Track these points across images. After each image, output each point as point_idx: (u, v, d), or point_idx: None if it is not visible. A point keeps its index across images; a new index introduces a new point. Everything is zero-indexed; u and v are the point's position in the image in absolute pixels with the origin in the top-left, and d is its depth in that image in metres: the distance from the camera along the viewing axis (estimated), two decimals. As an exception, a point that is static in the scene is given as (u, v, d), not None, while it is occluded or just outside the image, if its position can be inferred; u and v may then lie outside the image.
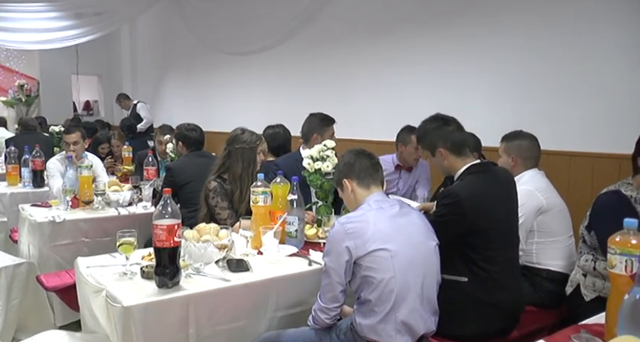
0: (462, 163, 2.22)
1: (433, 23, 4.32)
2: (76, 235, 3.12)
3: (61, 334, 2.06)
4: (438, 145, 2.23)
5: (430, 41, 4.35)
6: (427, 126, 2.31)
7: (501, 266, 2.13)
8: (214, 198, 2.71)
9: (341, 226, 1.86)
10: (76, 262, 2.21)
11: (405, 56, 4.54)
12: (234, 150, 2.77)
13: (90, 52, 9.27)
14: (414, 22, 4.46)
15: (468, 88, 4.07)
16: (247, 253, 2.28)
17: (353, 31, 5.00)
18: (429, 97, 4.27)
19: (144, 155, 3.94)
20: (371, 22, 4.82)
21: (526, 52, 3.68)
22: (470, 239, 2.10)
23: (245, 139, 2.78)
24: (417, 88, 4.44)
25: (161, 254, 1.84)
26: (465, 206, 2.06)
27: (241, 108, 6.49)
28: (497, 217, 2.14)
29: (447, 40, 4.21)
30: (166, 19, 7.92)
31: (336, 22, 5.16)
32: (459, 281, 2.10)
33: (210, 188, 2.72)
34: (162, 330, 1.79)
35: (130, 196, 3.37)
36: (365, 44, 4.88)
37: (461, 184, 2.17)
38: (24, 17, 7.77)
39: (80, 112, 10.49)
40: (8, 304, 2.78)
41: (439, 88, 4.26)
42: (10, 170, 4.36)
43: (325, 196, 2.67)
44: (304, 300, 2.11)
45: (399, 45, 4.58)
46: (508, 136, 2.76)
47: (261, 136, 2.88)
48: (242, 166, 2.74)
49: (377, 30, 4.76)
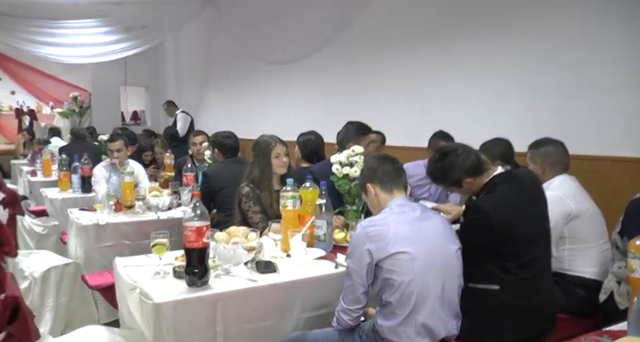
0: (487, 175, 2.20)
1: (464, 28, 4.31)
2: (118, 237, 3.27)
3: (100, 329, 2.18)
4: (462, 179, 2.17)
5: (461, 46, 4.33)
6: (440, 165, 2.20)
7: (534, 270, 2.10)
8: (247, 202, 2.80)
9: (363, 229, 1.90)
10: (115, 262, 2.34)
11: (439, 62, 4.54)
12: (254, 157, 2.88)
13: (137, 64, 9.65)
14: (446, 28, 4.45)
15: (500, 93, 4.03)
16: (276, 255, 2.35)
17: (388, 38, 5.04)
18: (464, 102, 4.25)
19: (183, 162, 4.09)
20: (405, 29, 4.84)
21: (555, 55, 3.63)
22: (500, 248, 2.08)
23: (260, 145, 2.87)
24: (452, 94, 4.42)
25: (190, 254, 1.93)
26: (492, 220, 2.04)
27: (280, 115, 6.60)
28: (527, 225, 2.11)
29: (478, 44, 4.19)
30: (209, 30, 8.16)
31: (372, 30, 5.20)
32: (490, 289, 2.08)
33: (242, 193, 2.82)
34: (192, 327, 1.88)
35: (169, 201, 3.50)
36: (399, 51, 4.90)
37: (486, 198, 2.14)
38: (78, 33, 8.25)
39: (128, 122, 10.91)
40: (58, 301, 2.96)
41: (474, 94, 4.23)
42: (61, 177, 4.62)
43: (353, 200, 2.71)
44: (330, 302, 2.15)
45: (432, 51, 4.58)
46: (533, 144, 2.73)
47: (277, 139, 2.91)
48: (259, 171, 2.83)
49: (411, 37, 4.78)
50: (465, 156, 2.16)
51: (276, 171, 2.83)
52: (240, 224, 2.72)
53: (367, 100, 5.25)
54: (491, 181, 2.17)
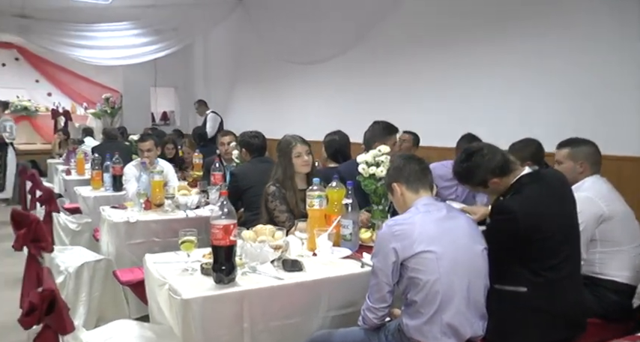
0: (514, 175, 2.17)
1: (492, 28, 4.28)
2: (148, 234, 3.34)
3: (131, 324, 2.23)
4: (488, 179, 2.15)
5: (489, 46, 4.30)
6: (466, 165, 2.18)
7: (562, 273, 2.06)
8: (273, 201, 2.83)
9: (388, 228, 1.91)
10: (145, 259, 2.40)
11: (465, 63, 4.50)
12: (278, 156, 2.92)
13: (167, 65, 9.83)
14: (474, 28, 4.42)
15: (528, 94, 3.98)
16: (302, 254, 2.37)
17: (415, 38, 5.02)
18: (489, 102, 4.21)
19: (211, 161, 4.15)
20: (431, 29, 4.82)
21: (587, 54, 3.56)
22: (528, 249, 2.05)
23: (281, 145, 2.91)
24: (478, 94, 4.38)
25: (218, 252, 1.96)
26: (519, 221, 2.01)
27: (307, 115, 6.64)
28: (555, 226, 2.08)
29: (505, 44, 4.15)
30: (237, 32, 8.26)
31: (399, 31, 5.19)
32: (517, 291, 2.05)
33: (268, 192, 2.85)
34: (219, 323, 1.91)
35: (197, 199, 3.56)
36: (426, 52, 4.88)
37: (513, 199, 2.12)
38: (110, 36, 8.45)
39: (158, 122, 11.13)
40: (91, 296, 3.05)
41: (499, 93, 4.18)
42: (93, 175, 4.75)
43: (379, 200, 2.71)
44: (356, 301, 2.15)
45: (459, 52, 4.55)
46: (571, 142, 2.66)
47: (298, 139, 2.92)
48: (282, 170, 2.86)
49: (438, 37, 4.76)
50: (490, 156, 2.14)
51: (299, 170, 2.86)
52: (266, 223, 2.75)
53: (394, 100, 5.24)
54: (518, 181, 2.14)
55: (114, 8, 7.88)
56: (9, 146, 8.30)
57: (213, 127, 7.70)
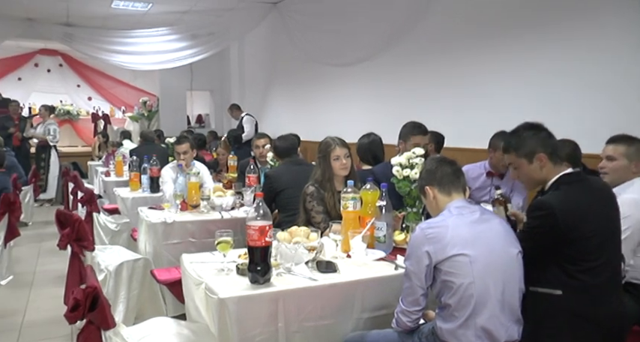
0: (556, 172, 2.13)
1: (523, 29, 4.21)
2: (184, 235, 3.41)
3: (169, 321, 2.29)
4: (537, 151, 2.11)
5: (519, 49, 4.23)
6: (523, 133, 2.18)
7: (601, 279, 2.00)
8: (311, 202, 2.85)
9: (421, 231, 1.90)
10: (182, 259, 2.45)
11: (500, 62, 4.44)
12: (318, 158, 2.93)
13: (202, 69, 10.03)
14: (507, 27, 4.35)
15: (559, 96, 3.90)
16: (336, 255, 2.38)
17: (448, 39, 4.98)
18: (519, 104, 4.13)
19: (246, 163, 4.20)
20: (464, 30, 4.77)
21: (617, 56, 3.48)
22: (565, 249, 2.01)
23: (321, 147, 2.92)
24: (508, 96, 4.32)
25: (253, 252, 1.99)
26: (557, 217, 1.98)
27: (342, 117, 6.65)
28: (595, 227, 2.02)
29: (538, 44, 4.07)
30: (272, 35, 8.35)
31: (432, 32, 5.16)
32: (552, 294, 2.01)
33: (307, 192, 2.88)
34: (254, 322, 1.94)
35: (232, 201, 3.61)
36: (460, 53, 4.84)
37: (553, 195, 2.08)
38: (148, 41, 8.68)
39: (193, 125, 11.35)
40: (129, 294, 3.13)
41: (529, 96, 4.11)
42: (132, 177, 4.87)
43: (414, 202, 2.70)
44: (390, 303, 2.15)
45: (493, 51, 4.49)
46: (626, 140, 2.55)
47: (337, 142, 2.92)
48: (321, 172, 2.88)
49: (471, 39, 4.71)
50: (549, 135, 2.15)
51: (337, 173, 2.86)
52: (304, 223, 2.78)
53: (428, 101, 5.21)
54: (558, 180, 2.10)
55: (152, 14, 8.09)
56: (52, 149, 8.62)
57: (250, 130, 7.79)
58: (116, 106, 11.71)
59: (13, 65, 11.14)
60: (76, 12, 8.06)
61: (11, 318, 3.68)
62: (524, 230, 2.09)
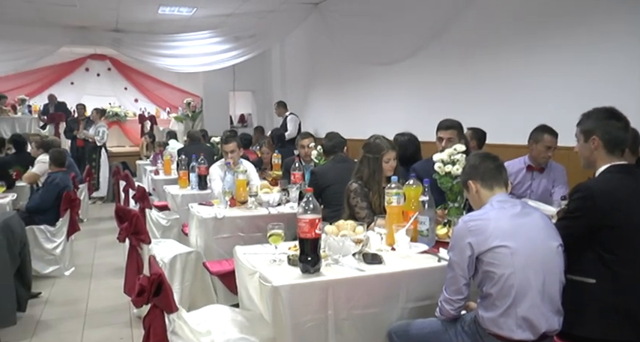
0: (607, 161, 2.17)
1: (564, 27, 4.17)
2: (234, 229, 3.58)
3: (224, 308, 2.44)
4: (595, 133, 2.18)
5: (562, 45, 4.19)
6: (597, 113, 2.22)
7: (636, 270, 2.04)
8: (354, 198, 2.96)
9: (464, 223, 1.99)
10: (235, 250, 2.60)
11: (543, 58, 4.40)
12: (364, 156, 3.02)
13: (245, 70, 10.23)
14: (550, 23, 4.31)
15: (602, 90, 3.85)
16: (381, 248, 2.49)
17: (489, 36, 4.97)
18: (562, 101, 4.11)
19: (291, 161, 4.34)
20: (509, 26, 4.75)
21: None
22: (602, 235, 2.06)
23: (372, 148, 3.00)
24: (550, 93, 4.29)
25: (304, 244, 2.12)
26: (595, 199, 2.04)
27: (382, 115, 6.71)
28: (635, 217, 2.06)
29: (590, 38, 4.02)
30: (312, 35, 8.47)
31: (474, 29, 5.16)
32: (585, 282, 2.07)
33: (351, 189, 2.99)
34: (306, 309, 2.06)
35: (278, 197, 3.76)
36: (501, 48, 4.83)
37: (594, 180, 2.16)
38: (192, 44, 8.98)
39: (235, 125, 11.62)
40: (183, 284, 3.32)
41: (573, 93, 4.08)
42: (181, 175, 5.10)
43: (455, 197, 2.77)
44: (433, 294, 2.23)
45: (535, 47, 4.46)
46: None
47: (389, 145, 3.02)
48: (368, 172, 2.97)
49: (513, 34, 4.69)
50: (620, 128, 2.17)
51: (386, 174, 2.97)
52: (348, 218, 2.88)
53: (469, 98, 5.22)
54: (607, 169, 2.15)
55: (196, 18, 8.35)
56: (102, 149, 9.04)
57: (294, 128, 7.96)
58: (161, 108, 12.11)
59: (67, 70, 11.72)
60: (124, 19, 8.41)
61: (76, 305, 3.97)
62: (564, 215, 2.14)
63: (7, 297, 3.12)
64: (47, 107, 10.49)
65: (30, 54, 8.76)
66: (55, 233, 4.74)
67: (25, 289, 3.52)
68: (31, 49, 8.67)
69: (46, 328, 3.56)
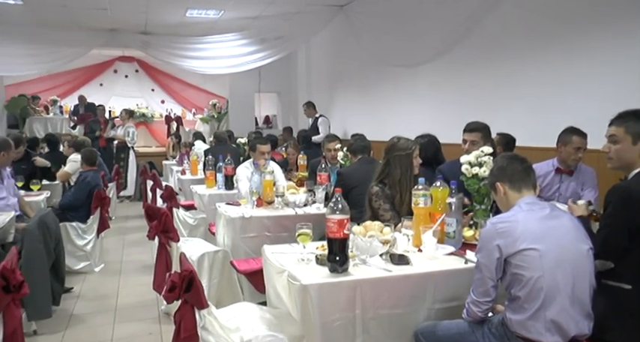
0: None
1: (599, 25, 4.11)
2: (260, 229, 3.62)
3: (252, 306, 2.49)
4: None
5: (597, 44, 4.13)
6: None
7: None
8: (377, 201, 2.98)
9: (492, 225, 1.99)
10: (263, 249, 2.64)
11: (564, 62, 4.36)
12: (392, 157, 3.02)
13: (270, 71, 10.30)
14: (578, 25, 4.27)
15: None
16: (408, 249, 2.50)
17: (515, 39, 4.94)
18: (592, 103, 4.06)
19: (317, 163, 4.38)
20: (534, 28, 4.72)
21: None
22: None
23: (400, 147, 3.01)
24: (580, 94, 4.23)
25: (333, 244, 2.16)
26: (632, 198, 2.02)
27: (407, 117, 6.71)
28: None
29: (617, 41, 3.97)
30: (338, 37, 8.50)
31: (500, 31, 5.13)
32: (621, 288, 2.05)
33: (372, 192, 3.01)
34: (334, 308, 2.09)
35: (305, 198, 3.79)
36: (528, 51, 4.79)
37: (630, 181, 2.14)
38: (219, 47, 9.12)
39: (260, 126, 11.72)
40: (210, 282, 3.39)
41: (604, 95, 4.02)
42: (208, 175, 5.18)
43: (482, 199, 2.77)
44: (460, 295, 2.24)
45: (563, 48, 4.41)
46: None
47: (416, 142, 3.08)
48: (400, 171, 2.98)
49: (540, 35, 4.64)
50: None
51: (414, 171, 3.00)
52: (371, 220, 2.91)
53: (495, 101, 5.19)
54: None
55: (223, 21, 8.47)
56: (130, 149, 9.23)
57: (326, 131, 7.92)
58: (187, 109, 12.29)
59: (96, 72, 11.99)
60: (153, 21, 8.58)
61: (106, 300, 4.08)
62: (603, 220, 2.13)
63: (43, 291, 3.23)
64: (77, 108, 10.75)
65: (63, 56, 9.03)
66: (86, 230, 4.87)
67: (59, 284, 3.63)
68: (63, 52, 8.95)
69: (78, 321, 3.67)
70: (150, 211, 3.73)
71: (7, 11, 7.80)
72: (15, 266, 2.30)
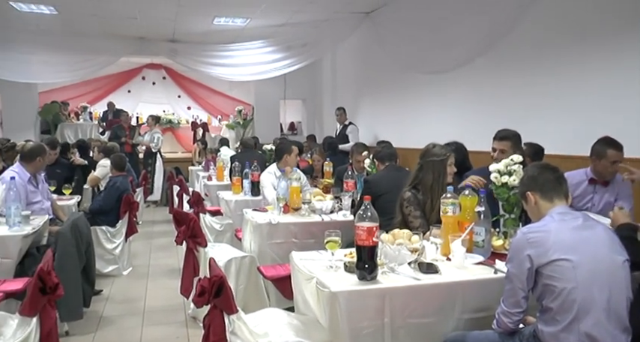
0: None
1: (628, 33, 4.03)
2: (287, 235, 3.65)
3: (280, 312, 2.51)
4: None
5: (633, 46, 4.05)
6: None
7: None
8: (408, 207, 2.97)
9: (523, 235, 1.97)
10: (291, 256, 2.66)
11: (605, 66, 4.27)
12: (426, 163, 3.02)
13: (296, 78, 10.35)
14: (612, 28, 4.18)
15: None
16: (437, 258, 2.49)
17: (543, 47, 4.87)
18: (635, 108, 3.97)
19: (343, 170, 4.40)
20: (565, 33, 4.65)
21: None
22: None
23: (435, 152, 3.01)
24: (613, 101, 4.15)
25: (362, 251, 2.16)
26: None
27: (433, 124, 6.67)
28: None
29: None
30: (364, 43, 8.50)
31: (527, 39, 5.07)
32: None
33: (404, 198, 3.01)
34: (362, 315, 2.09)
35: (331, 205, 3.81)
36: (560, 56, 4.71)
37: None
38: (245, 54, 9.23)
39: (285, 132, 11.78)
40: (237, 287, 3.41)
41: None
42: (234, 181, 5.23)
43: (512, 208, 2.74)
44: (490, 306, 2.22)
45: (596, 55, 4.32)
46: None
47: (450, 149, 3.08)
48: (433, 177, 2.97)
49: (572, 42, 4.57)
50: None
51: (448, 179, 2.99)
52: (400, 225, 2.90)
53: (520, 109, 5.12)
54: None
55: (249, 29, 8.56)
56: (157, 155, 9.38)
57: (355, 139, 7.85)
58: (213, 115, 12.43)
59: (125, 79, 12.24)
60: (180, 29, 8.73)
61: (135, 304, 4.15)
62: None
63: (75, 293, 3.30)
64: (106, 114, 10.99)
65: (94, 64, 9.27)
66: (115, 234, 4.97)
67: (89, 286, 3.70)
68: (95, 59, 9.18)
69: (108, 323, 3.74)
70: (178, 216, 3.79)
71: (43, 21, 8.04)
72: (51, 268, 2.37)
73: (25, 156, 4.13)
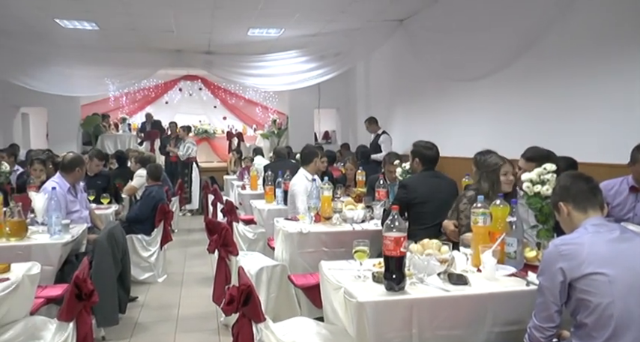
0: None
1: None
2: (318, 244, 3.66)
3: (309, 321, 2.51)
4: None
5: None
6: None
7: None
8: (466, 204, 3.02)
9: (555, 247, 1.91)
10: (320, 265, 2.66)
11: (635, 77, 4.13)
12: (482, 172, 3.07)
13: (330, 87, 10.40)
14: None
15: None
16: (467, 269, 2.45)
17: (583, 50, 4.74)
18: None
19: (375, 179, 4.38)
20: (603, 38, 4.51)
21: None
22: None
23: (488, 163, 3.07)
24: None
25: (389, 261, 2.14)
26: None
27: (469, 133, 6.57)
28: None
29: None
30: (397, 51, 8.48)
31: (563, 45, 4.95)
32: None
33: (467, 195, 3.09)
34: (390, 326, 2.08)
35: (363, 214, 3.80)
36: (590, 66, 4.58)
37: None
38: (280, 64, 9.34)
39: (320, 141, 11.83)
40: (268, 296, 3.43)
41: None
42: (267, 190, 5.28)
43: (545, 219, 2.67)
44: (521, 319, 2.16)
45: (627, 61, 4.19)
46: None
47: (504, 159, 3.08)
48: (488, 185, 3.01)
49: (609, 47, 4.44)
50: None
51: (504, 189, 2.99)
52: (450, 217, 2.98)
53: (554, 116, 4.98)
54: None
55: (283, 39, 8.67)
56: (193, 164, 9.57)
57: (388, 149, 7.82)
58: (248, 125, 12.63)
59: (162, 91, 12.60)
60: (216, 41, 8.92)
61: (169, 310, 4.23)
62: None
63: (111, 299, 3.39)
64: (144, 125, 11.30)
65: (133, 76, 9.59)
66: (151, 242, 5.08)
67: (125, 293, 3.80)
68: (134, 72, 9.50)
69: (143, 329, 3.83)
70: (210, 225, 3.86)
71: (85, 36, 8.36)
72: (87, 276, 2.45)
73: (64, 167, 4.29)
